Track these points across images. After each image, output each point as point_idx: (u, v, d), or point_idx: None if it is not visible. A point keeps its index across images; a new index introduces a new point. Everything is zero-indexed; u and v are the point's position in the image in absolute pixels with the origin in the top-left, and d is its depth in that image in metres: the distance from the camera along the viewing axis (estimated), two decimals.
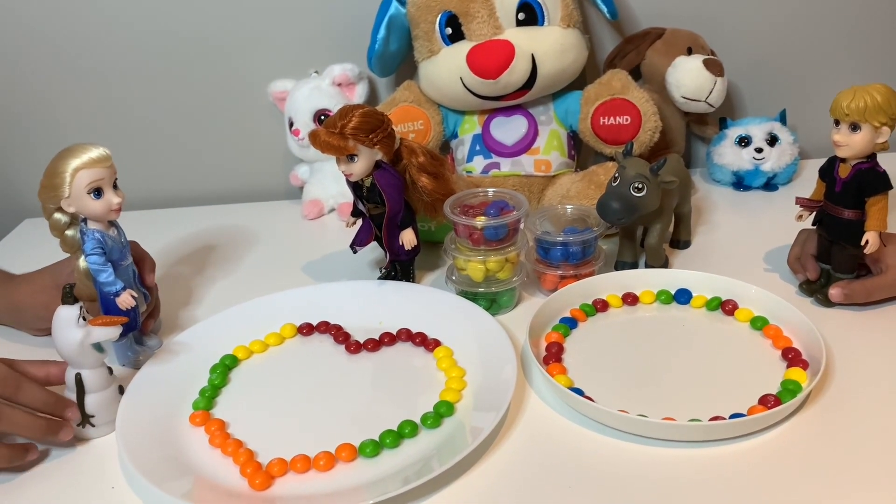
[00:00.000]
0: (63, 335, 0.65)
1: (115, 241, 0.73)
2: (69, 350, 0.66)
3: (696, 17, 1.12)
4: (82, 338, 0.65)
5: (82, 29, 1.12)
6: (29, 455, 0.66)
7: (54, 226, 0.72)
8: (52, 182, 0.68)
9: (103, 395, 0.68)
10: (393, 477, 0.61)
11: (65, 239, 0.73)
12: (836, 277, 0.80)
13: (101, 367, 0.68)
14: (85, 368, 0.67)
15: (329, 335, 0.82)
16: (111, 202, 0.70)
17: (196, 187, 1.23)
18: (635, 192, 0.81)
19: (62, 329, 0.65)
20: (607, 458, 0.63)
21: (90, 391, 0.67)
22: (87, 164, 0.68)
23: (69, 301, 0.66)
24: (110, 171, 0.70)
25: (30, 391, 0.65)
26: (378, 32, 1.03)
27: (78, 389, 0.67)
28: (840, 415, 0.65)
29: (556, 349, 0.75)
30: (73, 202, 0.69)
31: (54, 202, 0.70)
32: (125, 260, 0.75)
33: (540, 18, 0.98)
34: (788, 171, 1.11)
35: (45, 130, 1.19)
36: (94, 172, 0.68)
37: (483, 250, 0.82)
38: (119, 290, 0.71)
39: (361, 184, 0.83)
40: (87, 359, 0.67)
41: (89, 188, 0.68)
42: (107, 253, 0.72)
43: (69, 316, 0.65)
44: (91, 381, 0.67)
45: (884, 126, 0.72)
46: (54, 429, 0.66)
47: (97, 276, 0.71)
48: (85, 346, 0.66)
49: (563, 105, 1.04)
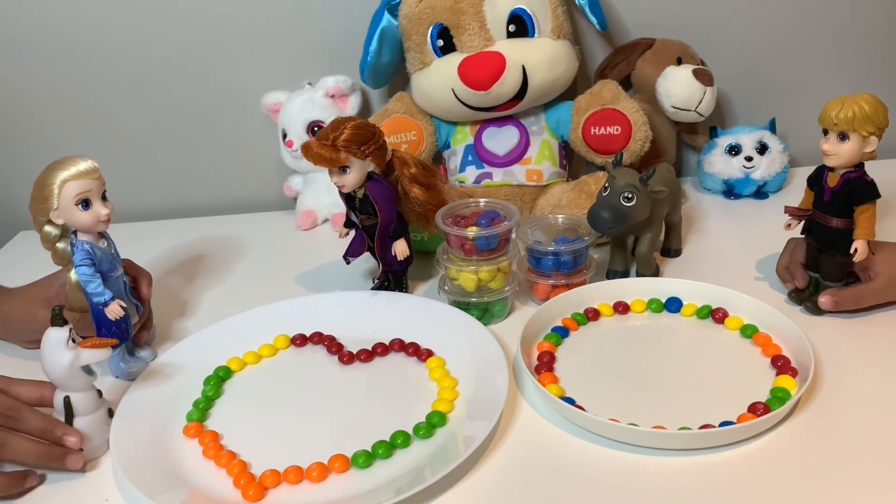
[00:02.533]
0: (52, 358, 0.64)
1: (105, 253, 0.74)
2: (58, 373, 0.64)
3: (685, 28, 1.13)
4: (71, 360, 0.63)
5: (75, 43, 1.12)
6: (28, 482, 0.64)
7: (45, 238, 0.72)
8: (41, 194, 0.69)
9: (92, 418, 0.67)
10: (386, 487, 0.62)
11: (56, 251, 0.73)
12: (825, 285, 0.81)
13: (90, 391, 0.66)
14: (74, 391, 0.65)
15: (322, 346, 0.82)
16: (99, 213, 0.71)
17: (190, 198, 1.24)
18: (625, 201, 0.81)
19: (51, 352, 0.64)
20: (599, 467, 0.63)
21: (79, 414, 0.66)
22: (75, 175, 0.68)
23: (59, 323, 0.64)
24: (98, 183, 0.70)
25: (29, 418, 0.64)
26: (370, 44, 1.04)
27: (67, 413, 0.65)
28: (829, 422, 0.66)
29: (548, 358, 0.76)
30: (62, 213, 0.70)
31: (44, 214, 0.70)
32: (115, 271, 0.75)
33: (530, 30, 0.99)
34: (778, 180, 1.11)
35: (39, 143, 1.19)
36: (82, 184, 0.69)
37: (475, 260, 0.83)
38: (108, 301, 0.71)
39: (354, 195, 0.83)
40: (77, 382, 0.65)
41: (77, 199, 0.69)
42: (96, 264, 0.72)
43: (58, 338, 0.63)
44: (80, 404, 0.66)
45: (872, 135, 0.73)
46: (58, 456, 0.64)
47: (86, 286, 0.71)
48: (74, 369, 0.64)
49: (554, 115, 1.05)
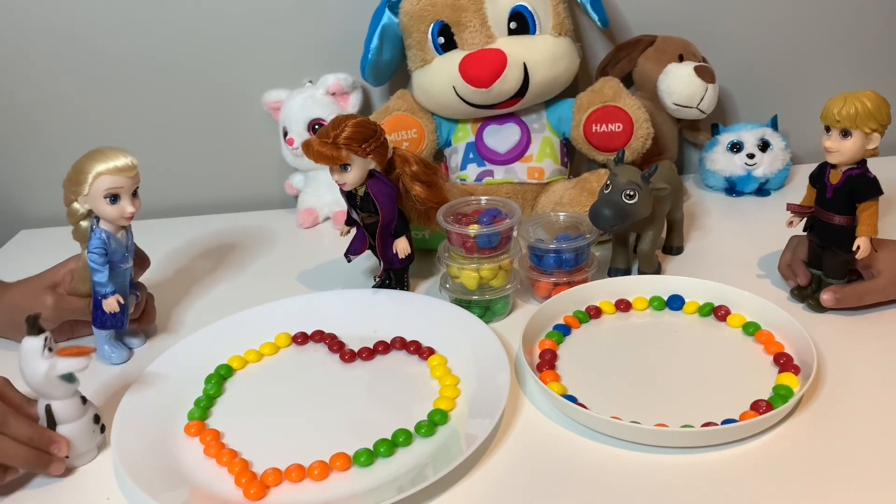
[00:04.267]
0: (29, 367, 0.63)
1: (120, 244, 0.75)
2: (35, 382, 0.63)
3: (687, 25, 1.13)
4: (47, 370, 0.62)
5: (76, 42, 1.12)
6: (8, 475, 0.64)
7: (71, 213, 0.75)
8: (76, 178, 0.71)
9: (76, 425, 0.65)
10: (387, 485, 0.62)
11: (78, 228, 0.76)
12: (827, 283, 0.81)
13: (72, 398, 0.65)
14: (55, 399, 0.64)
15: (323, 344, 0.82)
16: (124, 210, 0.73)
17: (191, 197, 1.24)
18: (627, 199, 0.81)
19: (28, 361, 0.62)
20: (600, 465, 0.63)
21: (62, 422, 0.65)
22: (111, 171, 0.70)
23: (34, 332, 0.62)
24: (132, 181, 0.72)
25: (15, 425, 0.63)
26: (371, 42, 1.04)
27: (49, 421, 0.64)
28: (831, 419, 0.66)
29: (550, 356, 0.76)
30: (90, 201, 0.72)
31: (74, 195, 0.73)
32: (125, 263, 0.77)
33: (532, 27, 0.99)
34: (780, 177, 1.11)
35: (41, 141, 1.19)
36: (115, 180, 0.71)
37: (476, 258, 0.83)
38: (108, 293, 0.74)
39: (355, 193, 0.83)
40: (56, 390, 0.64)
41: (107, 193, 0.71)
42: (108, 254, 0.74)
43: (34, 347, 0.62)
44: (62, 412, 0.64)
45: (874, 132, 0.73)
46: (44, 462, 0.64)
47: (93, 274, 0.74)
48: (50, 378, 0.63)
49: (555, 113, 1.05)
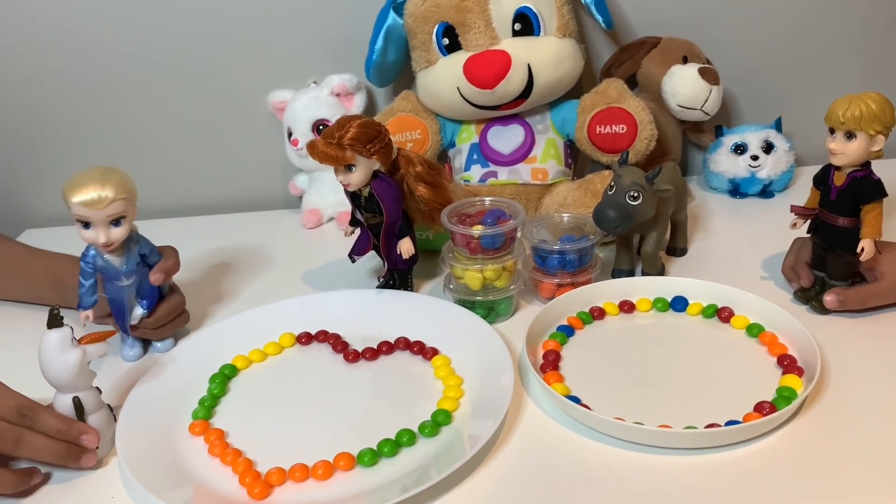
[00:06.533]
0: (58, 360, 0.62)
1: (109, 265, 0.75)
2: (67, 374, 0.62)
3: (691, 26, 1.13)
4: (80, 357, 0.62)
5: (80, 42, 1.12)
6: (33, 479, 0.64)
7: None
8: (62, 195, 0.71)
9: (100, 414, 0.66)
10: (391, 485, 0.62)
11: None
12: (831, 285, 0.81)
13: (94, 388, 0.66)
14: (81, 390, 0.64)
15: (328, 344, 0.82)
16: (97, 239, 0.72)
17: (195, 197, 1.24)
18: (631, 200, 0.81)
19: (56, 354, 0.62)
20: (604, 466, 0.63)
21: (90, 412, 0.65)
22: (79, 202, 0.69)
23: (57, 324, 0.62)
24: (101, 215, 0.70)
25: (44, 418, 0.63)
26: (376, 43, 1.04)
27: (78, 413, 0.64)
28: (835, 421, 0.66)
29: (554, 357, 0.76)
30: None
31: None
32: (119, 281, 0.76)
33: (536, 29, 0.99)
34: (784, 179, 1.11)
35: (46, 141, 1.19)
36: (82, 210, 0.70)
37: (480, 259, 0.83)
38: (78, 308, 0.75)
39: (359, 193, 0.83)
40: (86, 379, 0.64)
41: (77, 219, 0.71)
42: (96, 270, 0.75)
43: (61, 338, 0.62)
44: (89, 401, 0.65)
45: (879, 134, 0.73)
46: (75, 454, 0.64)
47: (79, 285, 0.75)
48: (83, 366, 0.63)
49: (559, 114, 1.05)
